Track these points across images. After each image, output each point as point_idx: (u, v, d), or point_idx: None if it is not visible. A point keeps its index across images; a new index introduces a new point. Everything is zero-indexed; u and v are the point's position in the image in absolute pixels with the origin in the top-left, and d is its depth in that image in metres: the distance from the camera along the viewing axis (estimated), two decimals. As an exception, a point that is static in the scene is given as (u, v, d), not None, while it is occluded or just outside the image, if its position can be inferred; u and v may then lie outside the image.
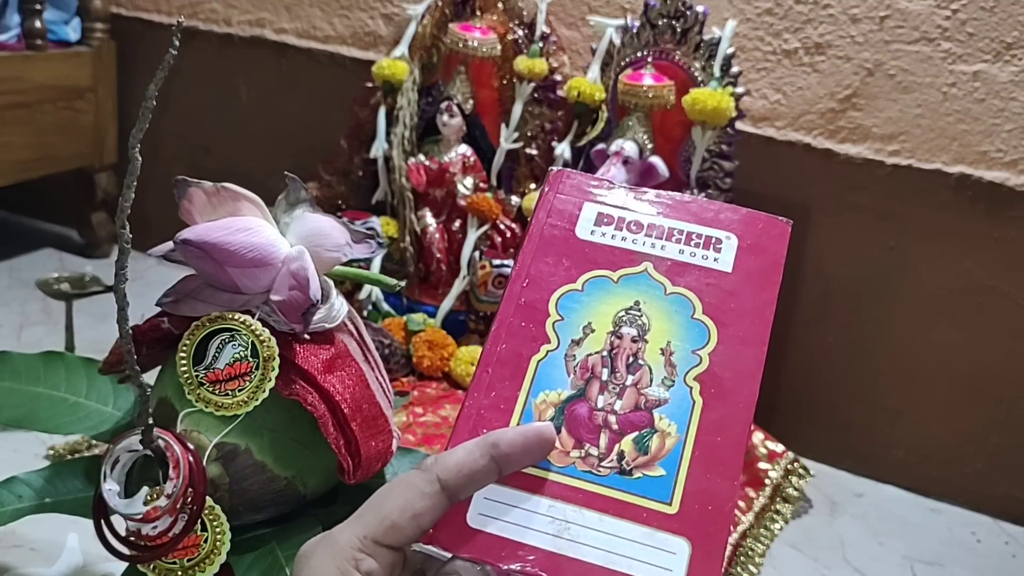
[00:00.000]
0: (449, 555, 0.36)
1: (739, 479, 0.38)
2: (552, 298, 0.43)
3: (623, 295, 0.43)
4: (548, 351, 0.41)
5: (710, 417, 0.39)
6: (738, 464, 0.38)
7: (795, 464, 1.19)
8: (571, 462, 0.38)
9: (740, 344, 0.41)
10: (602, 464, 0.38)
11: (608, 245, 0.45)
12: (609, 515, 0.37)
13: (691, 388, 0.40)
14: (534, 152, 1.34)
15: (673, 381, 0.40)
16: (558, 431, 0.39)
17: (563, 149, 1.29)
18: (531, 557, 0.36)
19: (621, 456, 0.39)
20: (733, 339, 0.41)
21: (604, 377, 0.41)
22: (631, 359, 0.41)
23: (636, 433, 0.39)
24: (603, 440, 0.39)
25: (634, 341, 0.42)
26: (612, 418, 0.40)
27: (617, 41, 1.27)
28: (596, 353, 0.42)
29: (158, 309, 0.55)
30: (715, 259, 0.44)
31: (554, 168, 0.48)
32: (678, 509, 0.37)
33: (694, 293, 0.43)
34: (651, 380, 0.41)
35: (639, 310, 0.43)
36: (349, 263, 0.57)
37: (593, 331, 0.42)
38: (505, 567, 0.36)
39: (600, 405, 0.40)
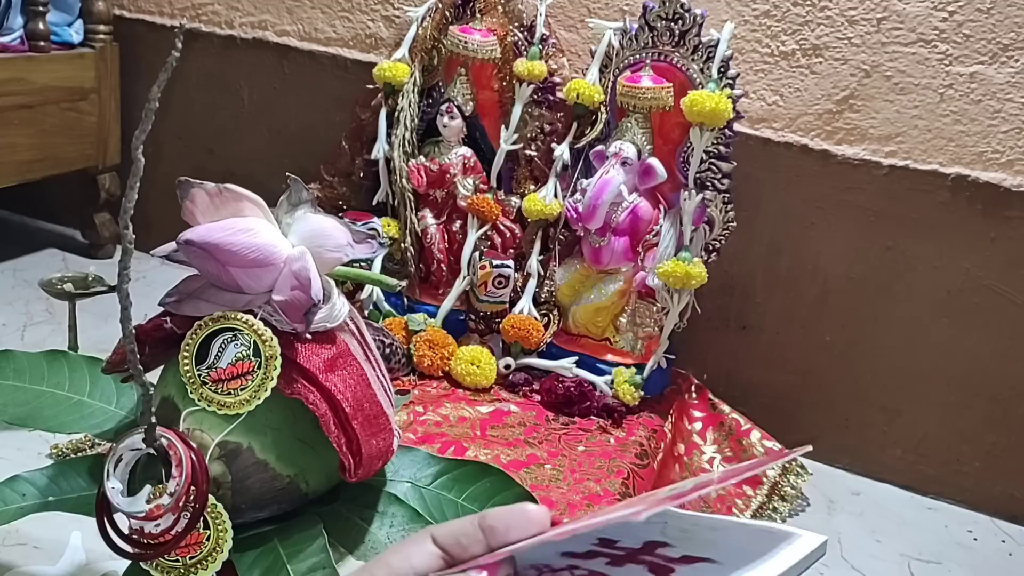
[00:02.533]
0: None
1: None
2: None
3: None
4: None
5: None
6: None
7: (792, 463, 1.20)
8: None
9: None
10: None
11: None
12: None
13: None
14: (534, 153, 1.35)
15: None
16: None
17: (562, 150, 1.30)
18: None
19: None
20: None
21: None
22: None
23: None
24: None
25: None
26: None
27: (616, 43, 1.28)
28: None
29: (161, 309, 0.56)
30: None
31: None
32: None
33: None
34: None
35: None
36: (350, 263, 0.58)
37: None
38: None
39: None
